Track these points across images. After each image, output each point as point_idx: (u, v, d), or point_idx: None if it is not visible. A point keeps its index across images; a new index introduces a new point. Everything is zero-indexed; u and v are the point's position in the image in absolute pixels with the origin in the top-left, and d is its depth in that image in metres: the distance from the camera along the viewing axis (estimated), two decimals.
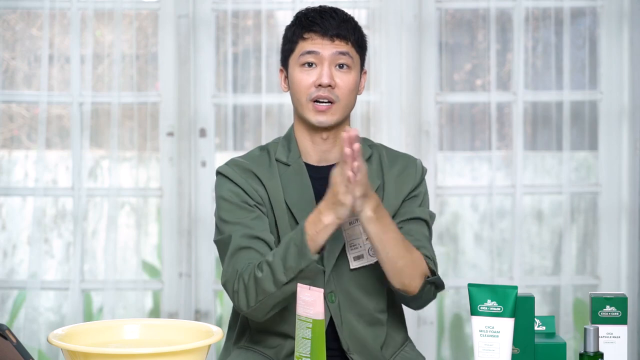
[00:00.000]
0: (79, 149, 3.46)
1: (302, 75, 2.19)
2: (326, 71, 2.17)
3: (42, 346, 3.52)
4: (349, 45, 2.19)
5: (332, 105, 2.18)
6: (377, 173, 2.25)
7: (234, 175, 2.22)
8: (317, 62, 2.18)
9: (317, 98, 2.18)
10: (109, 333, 1.82)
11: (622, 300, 1.92)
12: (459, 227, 3.83)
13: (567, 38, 3.49)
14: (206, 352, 1.71)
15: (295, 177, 2.22)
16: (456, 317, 3.75)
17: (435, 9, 3.50)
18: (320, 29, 2.18)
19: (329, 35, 2.18)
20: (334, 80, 2.17)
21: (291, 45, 2.22)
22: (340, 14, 2.22)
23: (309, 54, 2.18)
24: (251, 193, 2.20)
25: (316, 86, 2.18)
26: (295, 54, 2.20)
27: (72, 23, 3.46)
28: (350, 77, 2.20)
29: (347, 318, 2.20)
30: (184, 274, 3.48)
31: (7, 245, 3.69)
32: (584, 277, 3.60)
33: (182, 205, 3.48)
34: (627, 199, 3.52)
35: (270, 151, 2.27)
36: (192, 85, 3.48)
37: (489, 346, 1.80)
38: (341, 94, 2.19)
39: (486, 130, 3.53)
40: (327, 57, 2.17)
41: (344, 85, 2.19)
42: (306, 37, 2.19)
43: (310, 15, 2.20)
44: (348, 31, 2.19)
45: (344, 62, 2.19)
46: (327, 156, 2.25)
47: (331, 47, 2.18)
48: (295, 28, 2.22)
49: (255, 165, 2.24)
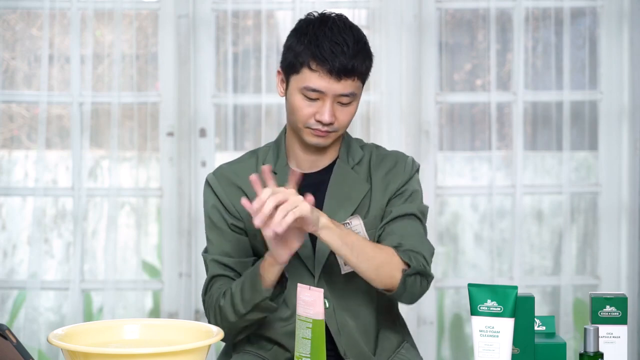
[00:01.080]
0: (79, 149, 3.46)
1: (303, 105, 2.13)
2: (328, 109, 2.12)
3: (42, 346, 3.52)
4: (355, 82, 2.13)
5: (331, 133, 2.16)
6: (366, 177, 2.23)
7: (215, 184, 2.23)
8: (319, 97, 2.12)
9: (315, 129, 2.14)
10: (109, 333, 1.82)
11: (622, 300, 1.92)
12: (459, 227, 3.83)
13: (567, 38, 3.49)
14: (206, 352, 1.71)
15: (281, 186, 2.17)
16: (456, 317, 3.75)
17: (435, 9, 3.50)
18: (328, 64, 2.09)
19: (337, 72, 2.09)
20: (335, 116, 2.13)
21: (296, 63, 2.13)
22: (351, 42, 2.11)
23: (313, 92, 2.12)
24: (229, 207, 2.21)
25: (316, 120, 2.14)
26: (299, 79, 2.13)
27: (72, 23, 3.46)
28: (351, 109, 2.16)
29: (342, 323, 2.19)
30: (184, 274, 3.48)
31: (7, 245, 3.69)
32: (584, 277, 3.60)
33: (182, 205, 3.48)
34: (627, 199, 3.52)
35: (260, 157, 2.26)
36: (192, 85, 3.48)
37: (489, 346, 1.80)
38: (340, 126, 2.16)
39: (486, 130, 3.53)
40: (330, 95, 2.12)
41: (344, 118, 2.15)
42: (313, 68, 2.10)
43: (321, 43, 2.10)
44: (357, 65, 2.11)
45: (347, 101, 2.14)
46: (317, 164, 2.24)
47: (337, 85, 2.10)
48: (303, 49, 2.12)
49: (241, 175, 2.22)
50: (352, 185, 2.21)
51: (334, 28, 2.12)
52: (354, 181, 2.21)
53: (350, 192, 2.20)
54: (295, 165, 2.23)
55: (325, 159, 2.23)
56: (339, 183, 2.21)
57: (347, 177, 2.21)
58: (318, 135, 2.15)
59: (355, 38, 2.13)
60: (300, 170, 2.20)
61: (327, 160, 2.23)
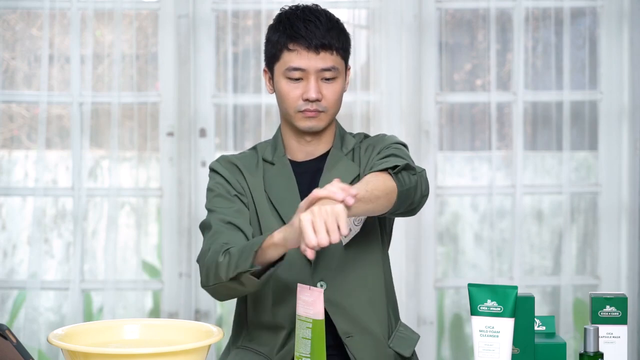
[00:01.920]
0: (79, 149, 3.46)
1: (289, 88, 2.21)
2: (313, 86, 2.19)
3: (42, 346, 3.52)
4: (334, 56, 2.20)
5: (320, 113, 2.22)
6: (356, 158, 2.28)
7: (219, 167, 2.29)
8: (302, 76, 2.20)
9: (305, 110, 2.21)
10: (109, 333, 1.82)
11: (622, 300, 1.92)
12: (459, 227, 3.83)
13: (567, 38, 3.49)
14: (206, 352, 1.71)
15: (279, 175, 2.27)
16: (456, 317, 3.75)
17: (435, 9, 3.50)
18: (305, 41, 2.18)
19: (314, 46, 2.18)
20: (321, 93, 2.20)
21: (275, 52, 2.22)
22: (324, 19, 2.21)
23: (295, 70, 2.19)
24: (234, 184, 2.26)
25: (303, 100, 2.20)
26: (281, 64, 2.22)
27: (72, 23, 3.46)
28: (337, 86, 2.22)
29: (341, 302, 2.21)
30: (184, 274, 3.48)
31: (7, 245, 3.69)
32: (584, 277, 3.60)
33: (182, 205, 3.48)
34: (627, 199, 3.52)
35: (259, 151, 2.32)
36: (192, 85, 3.49)
37: (489, 346, 1.80)
38: (328, 104, 2.22)
39: (486, 130, 3.53)
40: (313, 71, 2.19)
41: (331, 95, 2.21)
42: (291, 48, 2.19)
43: (294, 24, 2.20)
44: (333, 39, 2.20)
45: (330, 76, 2.21)
46: (313, 153, 2.29)
47: (316, 60, 2.19)
48: (279, 35, 2.21)
49: (242, 162, 2.30)
50: (343, 168, 2.26)
51: (306, 10, 2.23)
52: (347, 166, 2.26)
53: (340, 174, 2.24)
54: (292, 157, 2.29)
55: (318, 149, 2.29)
56: (332, 168, 2.26)
57: (340, 162, 2.27)
58: (309, 116, 2.21)
59: (328, 17, 2.23)
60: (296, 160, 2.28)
61: (320, 151, 2.29)
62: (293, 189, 2.24)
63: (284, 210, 2.22)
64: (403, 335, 2.30)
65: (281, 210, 2.22)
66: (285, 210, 2.21)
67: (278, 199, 2.24)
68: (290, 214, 2.16)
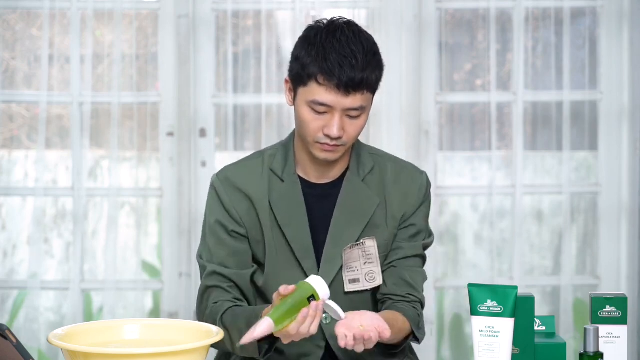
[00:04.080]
0: (79, 149, 3.46)
1: (311, 118, 2.07)
2: (337, 123, 2.05)
3: (42, 346, 3.52)
4: (364, 95, 2.06)
5: (338, 147, 2.10)
6: (378, 189, 2.19)
7: (222, 193, 2.18)
8: (327, 111, 2.06)
9: (324, 144, 2.09)
10: (109, 333, 1.82)
11: (622, 300, 1.92)
12: (459, 227, 3.83)
13: (567, 38, 3.49)
14: (206, 352, 1.71)
15: (287, 195, 2.16)
16: (456, 317, 3.75)
17: (435, 9, 3.50)
18: (337, 79, 2.02)
19: (345, 86, 2.03)
20: (344, 129, 2.07)
21: (303, 75, 2.07)
22: (361, 55, 2.05)
23: (321, 106, 2.05)
24: (233, 215, 2.17)
25: (324, 134, 2.07)
26: (306, 92, 2.07)
27: (72, 23, 3.46)
28: (361, 122, 2.09)
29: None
30: (184, 274, 3.48)
31: (7, 245, 3.69)
32: (584, 277, 3.60)
33: (182, 205, 3.48)
34: (627, 199, 3.52)
35: (266, 160, 2.20)
36: (192, 85, 3.48)
37: (489, 346, 1.80)
38: (349, 140, 2.10)
39: (486, 130, 3.53)
40: (339, 109, 2.05)
41: (353, 131, 2.09)
42: (321, 82, 2.04)
43: (329, 56, 2.03)
44: (366, 78, 2.05)
45: (356, 115, 2.08)
46: (326, 174, 2.19)
47: (345, 100, 2.04)
48: (311, 61, 2.05)
49: (246, 178, 2.19)
50: (363, 200, 2.17)
51: (343, 39, 2.06)
52: (365, 195, 2.17)
53: (360, 207, 2.17)
54: (303, 174, 2.19)
55: (334, 170, 2.19)
56: (348, 197, 2.17)
57: (358, 190, 2.18)
58: (326, 150, 2.09)
59: (365, 49, 2.07)
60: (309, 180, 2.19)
61: (336, 171, 2.19)
62: (301, 211, 2.15)
63: (290, 232, 2.15)
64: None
65: (288, 232, 2.15)
66: (292, 233, 2.15)
67: (285, 220, 2.15)
68: (296, 236, 2.14)
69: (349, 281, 2.16)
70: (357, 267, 2.16)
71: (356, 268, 2.16)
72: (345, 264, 2.15)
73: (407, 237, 2.21)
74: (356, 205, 2.17)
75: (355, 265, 2.16)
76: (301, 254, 2.15)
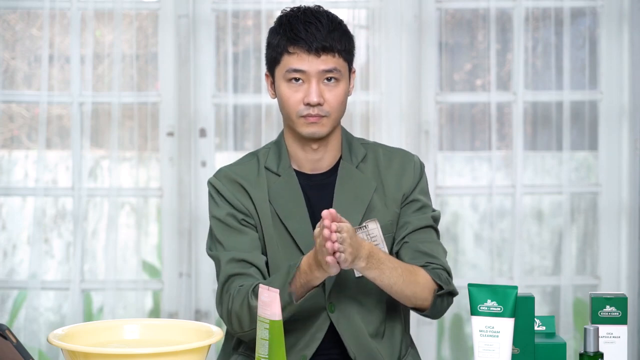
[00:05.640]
0: (79, 149, 3.46)
1: (290, 92, 2.14)
2: (314, 89, 2.12)
3: (42, 346, 3.52)
4: (335, 58, 2.13)
5: (322, 118, 2.14)
6: (373, 174, 2.22)
7: (222, 188, 2.20)
8: (304, 79, 2.13)
9: (306, 116, 2.14)
10: (109, 333, 1.82)
11: (622, 300, 1.92)
12: (459, 227, 3.83)
13: (567, 38, 3.49)
14: (206, 352, 1.71)
15: (285, 188, 2.19)
16: (456, 317, 3.75)
17: (435, 9, 3.50)
18: (305, 43, 2.11)
19: (315, 49, 2.11)
20: (323, 96, 2.13)
21: (276, 55, 2.16)
22: (326, 22, 2.13)
23: (295, 72, 2.12)
24: (238, 207, 2.19)
25: (305, 104, 2.13)
26: (281, 67, 2.14)
27: (72, 23, 3.46)
28: (339, 90, 2.15)
29: (352, 328, 2.18)
30: (184, 274, 3.48)
31: (7, 245, 3.69)
32: (584, 277, 3.60)
33: (182, 205, 3.48)
34: (627, 199, 3.52)
35: (260, 158, 2.23)
36: (192, 85, 3.48)
37: (489, 346, 1.80)
38: (331, 108, 2.14)
39: (486, 130, 3.53)
40: (314, 74, 2.12)
41: (333, 99, 2.14)
42: (291, 51, 2.12)
43: (295, 26, 2.13)
44: (334, 41, 2.13)
45: (332, 77, 2.14)
46: (319, 164, 2.22)
47: (317, 62, 2.12)
48: (280, 38, 2.14)
49: (243, 175, 2.22)
50: (359, 185, 2.20)
51: (307, 12, 2.16)
52: (361, 180, 2.20)
53: (358, 191, 2.19)
54: (298, 167, 2.22)
55: (327, 159, 2.22)
56: (345, 183, 2.20)
57: (353, 176, 2.20)
58: (311, 122, 2.14)
59: (330, 17, 2.16)
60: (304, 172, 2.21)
61: (329, 161, 2.22)
62: (301, 203, 2.18)
63: (292, 225, 2.17)
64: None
65: (290, 225, 2.17)
66: (294, 226, 2.17)
67: (286, 214, 2.17)
68: (299, 229, 2.16)
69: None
70: None
71: None
72: None
73: (412, 211, 2.23)
74: (354, 191, 2.19)
75: None
76: (304, 245, 2.16)
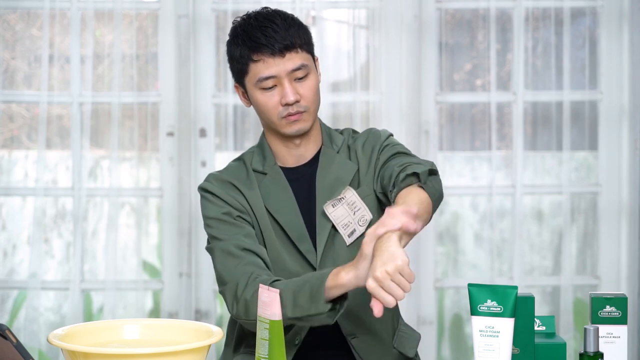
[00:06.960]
0: (79, 149, 3.46)
1: (265, 98, 2.17)
2: (288, 89, 2.15)
3: (42, 346, 3.52)
4: (299, 53, 2.16)
5: (302, 113, 2.18)
6: (352, 158, 2.25)
7: (214, 188, 2.23)
8: (276, 83, 2.16)
9: (287, 116, 2.17)
10: (109, 333, 1.82)
11: (622, 300, 1.92)
12: (459, 227, 3.83)
13: (567, 38, 3.49)
14: (206, 352, 1.71)
15: (274, 185, 2.23)
16: (456, 317, 3.75)
17: (435, 9, 3.50)
18: (267, 48, 2.13)
19: (278, 50, 2.14)
20: (298, 93, 2.16)
21: (241, 66, 2.18)
22: (280, 21, 2.16)
23: (267, 79, 2.15)
24: (233, 204, 2.21)
25: (283, 105, 2.16)
26: (251, 77, 2.17)
27: (72, 23, 3.46)
28: (311, 82, 2.18)
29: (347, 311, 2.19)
30: (184, 274, 3.48)
31: (7, 245, 3.70)
32: (584, 277, 3.60)
33: (182, 205, 3.48)
34: (627, 199, 3.52)
35: (246, 162, 2.28)
36: (192, 85, 3.49)
37: (489, 346, 1.80)
38: (308, 102, 2.18)
39: (486, 130, 3.53)
40: (284, 75, 2.15)
41: (308, 92, 2.17)
42: (255, 58, 2.15)
43: (252, 34, 2.15)
44: (294, 38, 2.15)
45: (302, 74, 2.17)
46: (303, 156, 2.26)
47: (284, 62, 2.14)
48: (241, 49, 2.16)
49: (233, 177, 2.25)
50: (340, 167, 2.24)
51: (259, 17, 2.18)
52: (341, 163, 2.24)
53: (339, 173, 2.23)
54: (282, 164, 2.26)
55: (310, 150, 2.26)
56: (327, 167, 2.24)
57: (334, 160, 2.25)
58: (293, 120, 2.17)
59: (282, 16, 2.18)
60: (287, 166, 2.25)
61: (311, 151, 2.26)
62: (290, 198, 2.22)
63: (283, 219, 2.20)
64: (405, 335, 2.30)
65: (281, 219, 2.20)
66: (285, 220, 2.20)
67: (276, 209, 2.21)
68: (290, 223, 2.19)
69: (347, 235, 2.20)
70: (350, 221, 2.21)
71: (349, 222, 2.20)
72: (337, 223, 2.19)
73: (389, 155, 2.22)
74: (335, 173, 2.23)
75: (346, 220, 2.20)
76: (295, 237, 2.20)
